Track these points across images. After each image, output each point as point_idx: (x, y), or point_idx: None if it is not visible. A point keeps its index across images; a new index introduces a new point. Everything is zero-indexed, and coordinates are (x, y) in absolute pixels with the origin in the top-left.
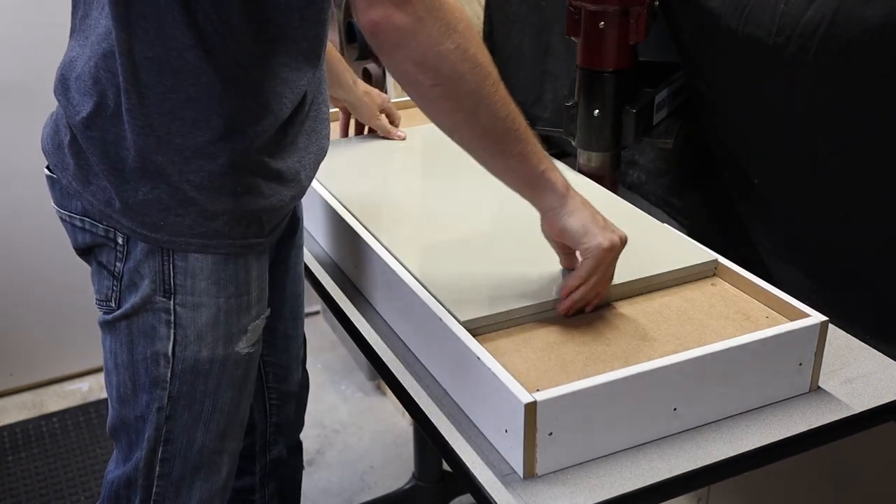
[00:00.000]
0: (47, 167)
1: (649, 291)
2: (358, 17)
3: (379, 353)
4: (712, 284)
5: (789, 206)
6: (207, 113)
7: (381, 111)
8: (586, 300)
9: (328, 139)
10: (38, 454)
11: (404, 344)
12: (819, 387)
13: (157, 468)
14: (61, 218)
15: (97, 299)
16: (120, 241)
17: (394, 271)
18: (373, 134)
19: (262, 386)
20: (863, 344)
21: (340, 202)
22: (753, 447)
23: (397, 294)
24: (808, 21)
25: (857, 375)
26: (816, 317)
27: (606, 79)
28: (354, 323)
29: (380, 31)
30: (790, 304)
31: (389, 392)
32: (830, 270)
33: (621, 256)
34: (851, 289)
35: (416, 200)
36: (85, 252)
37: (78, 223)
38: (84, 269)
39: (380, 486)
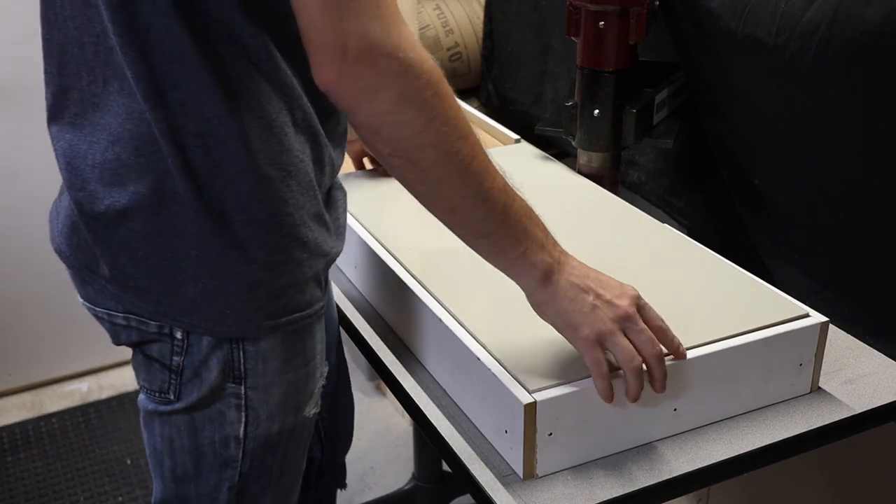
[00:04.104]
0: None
1: None
2: (313, 74)
3: (379, 353)
4: None
5: (789, 206)
6: (262, 183)
7: None
8: (640, 374)
9: None
10: (37, 454)
11: (404, 344)
12: (819, 387)
13: None
14: (96, 315)
15: (145, 388)
16: (178, 335)
17: (394, 271)
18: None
19: (317, 422)
20: (863, 344)
21: None
22: (753, 447)
23: (396, 294)
24: (808, 21)
25: (858, 376)
26: (816, 317)
27: (606, 79)
28: (354, 323)
29: (332, 94)
30: (790, 304)
31: (389, 392)
32: (831, 270)
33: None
34: (851, 289)
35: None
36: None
37: (121, 321)
38: None
39: (380, 486)
